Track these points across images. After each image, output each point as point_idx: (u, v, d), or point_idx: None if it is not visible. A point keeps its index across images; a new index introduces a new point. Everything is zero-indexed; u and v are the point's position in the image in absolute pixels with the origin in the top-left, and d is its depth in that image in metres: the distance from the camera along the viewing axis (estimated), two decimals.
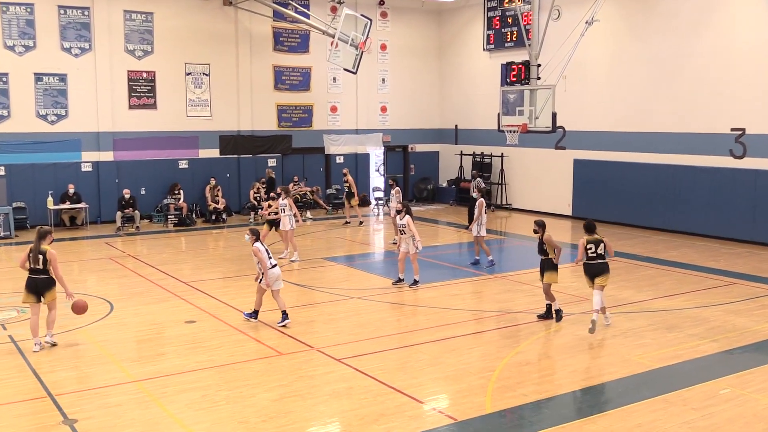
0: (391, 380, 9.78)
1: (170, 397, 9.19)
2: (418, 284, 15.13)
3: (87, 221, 23.09)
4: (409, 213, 15.13)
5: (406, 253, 15.17)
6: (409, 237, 15.01)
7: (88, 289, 14.91)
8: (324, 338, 11.76)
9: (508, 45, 26.93)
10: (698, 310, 13.51)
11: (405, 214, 15.07)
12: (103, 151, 23.76)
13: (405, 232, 15.08)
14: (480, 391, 9.44)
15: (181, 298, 14.37)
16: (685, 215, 21.54)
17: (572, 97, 23.84)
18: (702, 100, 21.13)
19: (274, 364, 10.51)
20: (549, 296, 12.61)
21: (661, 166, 22.13)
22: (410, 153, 30.63)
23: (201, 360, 10.66)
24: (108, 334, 12.03)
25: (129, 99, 24.13)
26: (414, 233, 14.95)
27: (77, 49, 23.14)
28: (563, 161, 25.17)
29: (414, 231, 14.98)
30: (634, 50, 22.95)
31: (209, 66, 25.45)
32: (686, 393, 9.38)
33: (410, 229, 14.98)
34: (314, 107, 27.85)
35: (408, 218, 15.01)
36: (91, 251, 19.72)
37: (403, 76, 29.88)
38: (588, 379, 10.05)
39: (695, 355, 10.94)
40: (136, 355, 11.13)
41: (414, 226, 15.05)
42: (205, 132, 25.55)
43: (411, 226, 14.98)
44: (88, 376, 10.08)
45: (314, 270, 17.16)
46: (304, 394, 9.32)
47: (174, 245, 20.92)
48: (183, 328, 12.38)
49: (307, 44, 27.39)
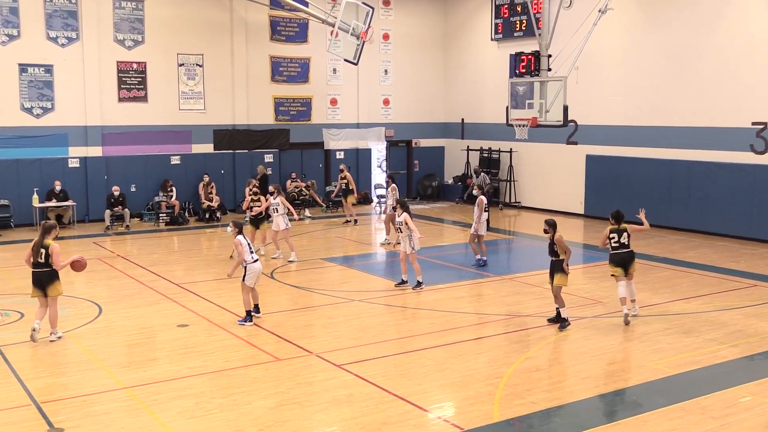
0: (394, 387, 9.78)
1: (162, 405, 9.20)
2: (421, 286, 15.13)
3: (74, 220, 23.11)
4: (406, 210, 15.11)
5: (406, 252, 15.17)
6: (406, 236, 15.00)
7: (76, 292, 14.93)
8: (323, 343, 11.76)
9: (517, 34, 26.91)
10: (717, 313, 13.49)
11: (402, 212, 15.05)
12: (92, 146, 23.79)
13: (402, 230, 15.09)
14: (487, 399, 9.44)
15: (173, 300, 14.38)
16: (704, 214, 21.52)
17: (584, 89, 23.82)
18: (721, 92, 21.09)
19: (270, 370, 10.51)
20: (559, 300, 12.57)
21: (678, 162, 22.11)
22: (414, 148, 30.63)
23: (194, 366, 10.66)
24: (96, 338, 12.03)
25: (118, 91, 24.15)
26: (413, 230, 14.93)
27: (64, 39, 23.16)
28: (575, 157, 25.16)
29: (413, 228, 14.96)
30: (649, 40, 22.93)
31: (203, 57, 25.46)
32: (704, 401, 9.37)
33: (408, 227, 14.96)
34: (313, 100, 27.86)
35: (405, 215, 14.99)
36: (78, 251, 19.65)
37: (406, 67, 29.88)
38: (601, 386, 10.04)
39: (714, 360, 10.92)
40: (125, 360, 11.13)
41: (413, 224, 15.03)
42: (199, 126, 25.56)
43: (409, 223, 14.96)
44: (75, 382, 10.08)
45: (312, 271, 17.17)
46: (303, 402, 9.32)
47: (166, 245, 20.93)
48: (175, 332, 12.38)
49: (306, 34, 27.40)
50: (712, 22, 21.26)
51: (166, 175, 24.72)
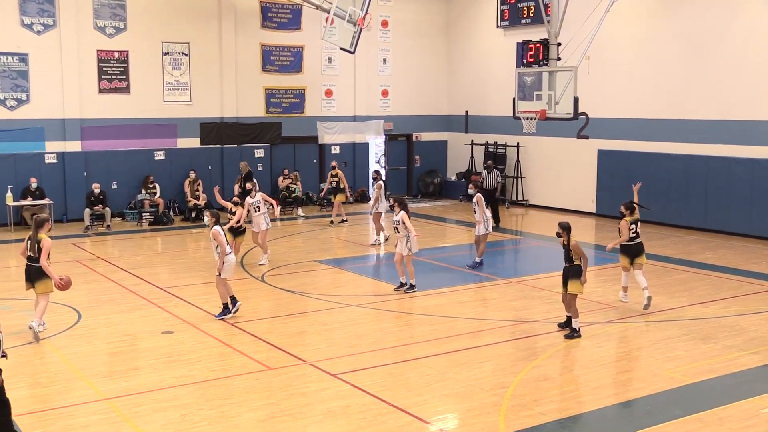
0: (393, 398, 9.80)
1: (145, 417, 9.20)
2: (414, 289, 15.14)
3: (51, 219, 23.05)
4: (404, 208, 15.06)
5: (402, 254, 15.12)
6: (403, 236, 14.97)
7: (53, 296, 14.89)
8: (317, 351, 11.77)
9: (524, 21, 26.93)
10: (737, 318, 13.52)
11: (399, 210, 15.01)
12: (70, 141, 23.77)
13: (399, 231, 15.07)
14: (493, 410, 9.46)
15: (158, 306, 14.39)
16: (723, 212, 21.54)
17: (596, 80, 23.83)
18: (742, 82, 21.11)
19: (261, 380, 10.52)
20: (572, 310, 12.40)
21: (696, 157, 22.13)
22: (415, 142, 30.64)
23: (179, 375, 10.67)
24: (75, 346, 12.03)
25: (99, 82, 24.13)
26: (410, 230, 14.90)
27: (39, 26, 23.15)
28: (586, 152, 25.18)
29: (410, 228, 14.93)
30: (665, 27, 22.94)
31: (189, 45, 25.46)
32: (723, 412, 9.39)
33: (405, 226, 14.94)
34: (307, 91, 27.87)
35: (403, 214, 14.95)
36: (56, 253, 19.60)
37: (406, 57, 29.88)
38: (613, 396, 10.07)
39: (733, 369, 10.94)
40: (106, 369, 11.14)
41: (410, 223, 15.01)
42: (185, 119, 25.56)
43: (407, 222, 14.93)
44: (51, 394, 10.10)
45: (305, 274, 17.18)
46: (295, 414, 9.33)
47: (149, 246, 20.94)
48: (159, 339, 12.39)
49: (299, 20, 27.40)
50: (733, 8, 21.27)
51: (150, 171, 24.70)
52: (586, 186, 25.35)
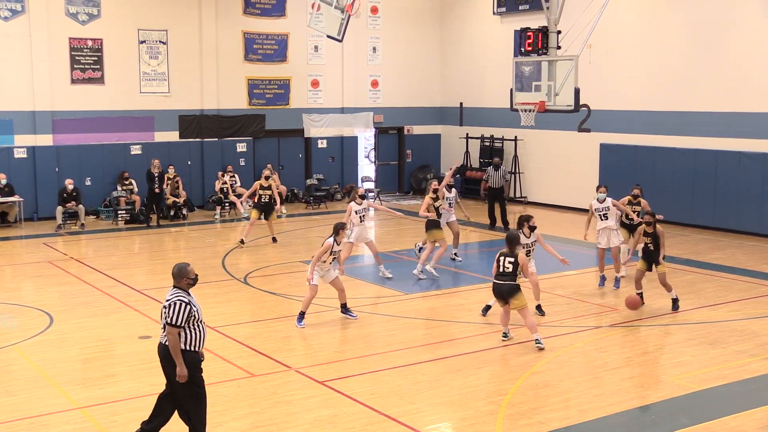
0: (384, 406, 9.81)
1: (121, 427, 9.19)
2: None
3: (21, 218, 23.01)
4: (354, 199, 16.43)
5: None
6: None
7: (23, 299, 14.89)
8: (304, 357, 11.78)
9: (522, 8, 26.95)
10: (747, 322, 13.57)
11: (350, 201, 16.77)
12: (41, 134, 23.70)
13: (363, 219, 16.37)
14: (489, 419, 9.48)
15: (134, 309, 14.36)
16: (732, 210, 21.61)
17: (598, 70, 23.88)
18: (752, 73, 21.17)
19: (244, 388, 10.52)
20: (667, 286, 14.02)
21: (704, 151, 22.19)
22: (406, 136, 30.66)
23: (157, 383, 10.60)
24: (47, 352, 12.00)
25: (71, 72, 24.06)
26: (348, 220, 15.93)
27: (7, 11, 23.04)
28: (588, 146, 25.22)
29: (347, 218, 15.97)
30: (671, 14, 23.01)
31: (167, 33, 25.40)
32: (732, 421, 9.43)
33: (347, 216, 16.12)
34: (292, 81, 27.85)
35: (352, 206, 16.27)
36: (26, 253, 19.68)
37: (398, 45, 29.88)
38: (617, 404, 10.08)
39: (744, 375, 10.99)
40: (80, 376, 11.12)
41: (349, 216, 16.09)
42: (162, 111, 25.51)
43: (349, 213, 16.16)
44: (22, 402, 10.06)
45: (291, 276, 17.17)
46: (280, 423, 9.34)
47: (125, 246, 20.90)
48: (136, 344, 12.37)
49: (284, 6, 27.36)
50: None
51: (125, 166, 24.64)
52: (588, 182, 25.35)
